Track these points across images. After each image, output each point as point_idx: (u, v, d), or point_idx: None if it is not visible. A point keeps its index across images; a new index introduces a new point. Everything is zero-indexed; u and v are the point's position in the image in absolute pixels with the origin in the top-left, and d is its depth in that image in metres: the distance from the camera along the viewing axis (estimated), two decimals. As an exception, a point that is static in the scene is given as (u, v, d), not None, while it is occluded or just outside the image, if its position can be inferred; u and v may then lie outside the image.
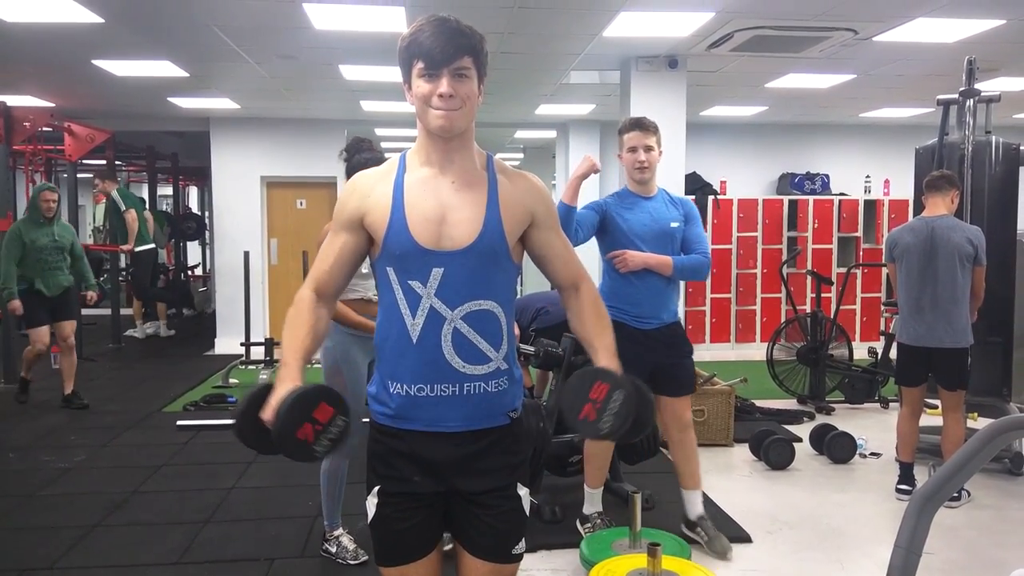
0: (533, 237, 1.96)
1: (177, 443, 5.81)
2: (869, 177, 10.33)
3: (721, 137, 10.39)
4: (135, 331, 10.77)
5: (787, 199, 10.00)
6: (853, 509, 4.58)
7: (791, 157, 10.59)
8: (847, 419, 6.39)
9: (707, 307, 9.62)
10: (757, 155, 10.53)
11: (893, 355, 6.27)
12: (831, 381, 7.02)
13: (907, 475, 4.69)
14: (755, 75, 7.38)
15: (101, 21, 5.37)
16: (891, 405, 6.72)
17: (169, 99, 8.57)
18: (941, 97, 5.29)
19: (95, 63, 6.72)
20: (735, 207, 9.65)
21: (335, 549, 3.79)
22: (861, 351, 7.76)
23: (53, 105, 8.89)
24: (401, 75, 1.88)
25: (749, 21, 5.51)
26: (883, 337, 7.16)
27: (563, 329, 5.87)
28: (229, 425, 1.87)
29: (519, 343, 4.26)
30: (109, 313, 10.21)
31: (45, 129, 9.22)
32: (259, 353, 8.04)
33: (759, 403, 6.67)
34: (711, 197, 9.60)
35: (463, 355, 1.85)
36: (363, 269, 2.09)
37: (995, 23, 5.48)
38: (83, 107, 9.09)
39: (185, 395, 7.38)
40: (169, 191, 14.22)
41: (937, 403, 4.89)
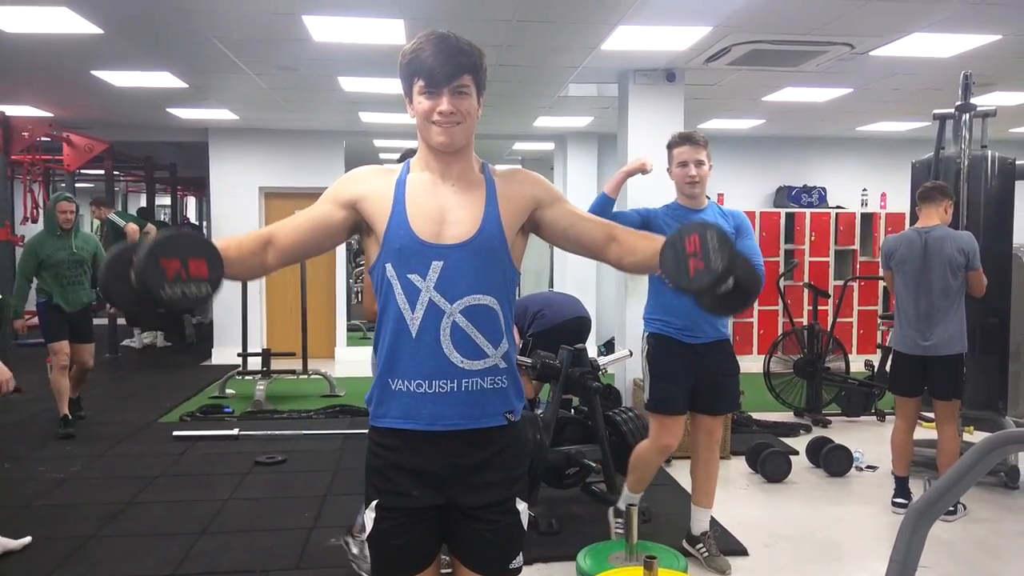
0: (547, 218, 1.99)
1: (173, 454, 5.80)
2: (866, 190, 10.37)
3: (719, 150, 10.33)
4: (132, 341, 10.76)
5: (784, 212, 10.03)
6: (849, 522, 4.59)
7: (788, 170, 10.63)
8: (844, 432, 6.40)
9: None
10: (754, 168, 10.57)
11: (890, 367, 6.30)
12: (828, 394, 7.03)
13: (902, 488, 4.70)
14: (752, 89, 7.41)
15: (101, 32, 5.38)
16: (887, 418, 6.72)
17: (168, 110, 8.58)
18: (937, 111, 5.32)
19: (94, 74, 6.74)
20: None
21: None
22: (858, 364, 7.77)
23: (52, 115, 8.90)
24: (402, 89, 1.92)
25: (746, 36, 5.54)
26: (880, 350, 7.17)
27: (560, 333, 5.91)
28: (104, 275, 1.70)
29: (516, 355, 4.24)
30: (106, 323, 10.21)
31: (44, 139, 9.26)
32: (256, 364, 8.04)
33: (756, 416, 6.68)
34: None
35: (461, 350, 1.86)
36: None
37: (991, 38, 5.51)
38: (82, 117, 9.10)
39: (181, 406, 7.37)
40: (167, 201, 14.24)
41: (932, 416, 4.90)
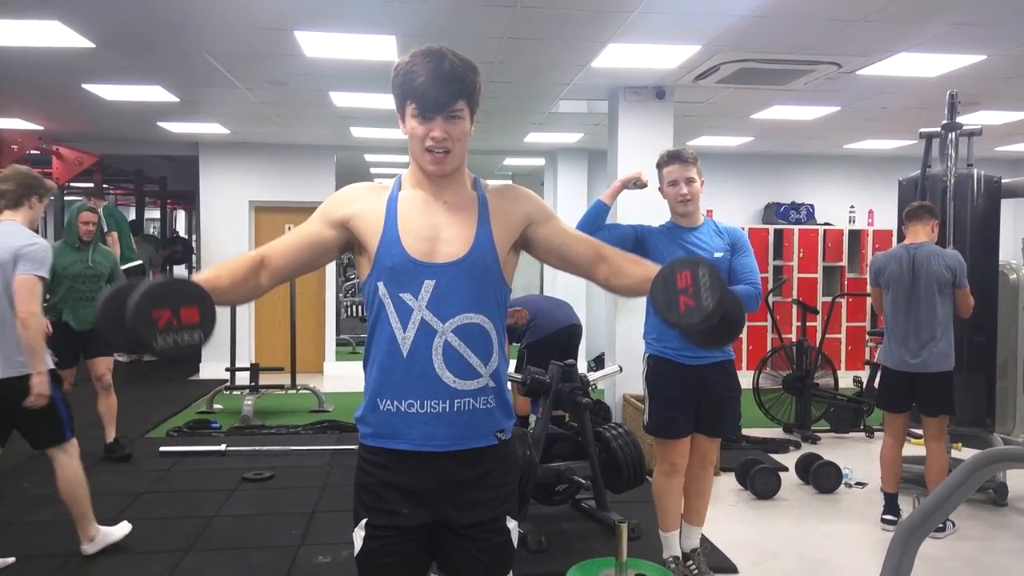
0: (539, 235, 2.00)
1: (160, 470, 5.76)
2: (853, 207, 10.44)
3: (707, 167, 10.34)
4: (119, 355, 10.68)
5: (772, 228, 10.08)
6: (839, 539, 4.59)
7: (776, 187, 10.69)
8: (833, 448, 6.41)
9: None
10: (743, 185, 10.62)
11: (878, 383, 6.32)
12: (817, 410, 7.04)
13: (892, 505, 4.70)
14: (741, 106, 7.46)
15: (92, 46, 5.38)
16: (876, 434, 6.74)
17: (159, 123, 8.57)
18: (924, 130, 5.37)
19: (85, 87, 6.73)
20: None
21: None
22: (847, 380, 7.79)
23: (42, 128, 8.87)
24: (394, 104, 1.91)
25: (735, 54, 5.58)
26: (868, 366, 7.20)
27: (553, 343, 5.91)
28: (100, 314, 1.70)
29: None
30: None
31: (33, 152, 9.22)
32: (244, 379, 8.00)
33: (745, 432, 6.68)
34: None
35: (453, 369, 1.86)
36: None
37: (976, 58, 5.57)
38: (72, 130, 9.08)
39: (168, 421, 7.33)
40: (157, 214, 14.20)
41: (921, 432, 4.91)
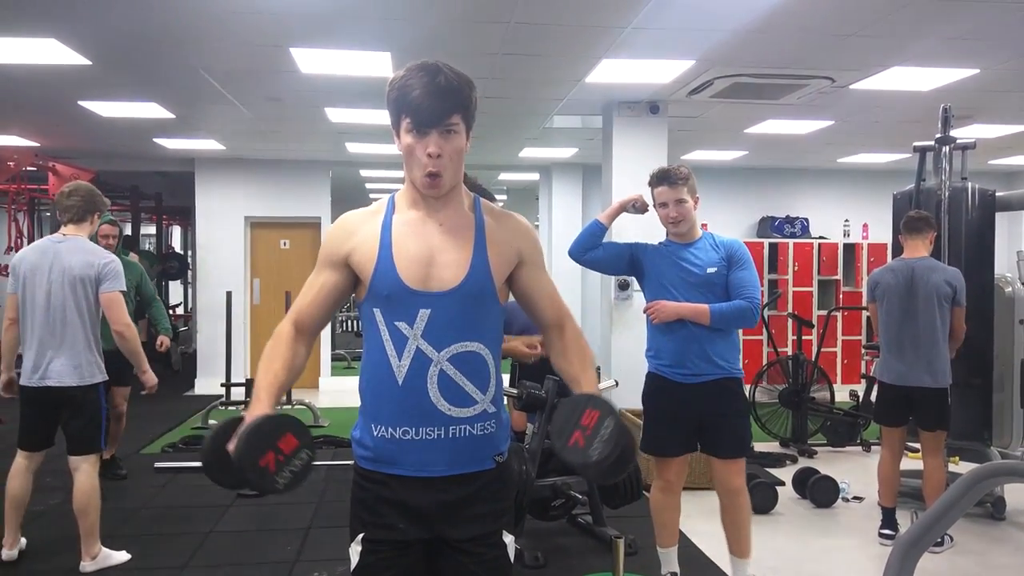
0: (520, 276, 1.98)
1: (155, 486, 5.73)
2: (848, 221, 10.47)
3: (702, 181, 10.34)
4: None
5: (767, 242, 10.10)
6: (836, 554, 4.57)
7: (771, 201, 10.72)
8: (829, 462, 6.39)
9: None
10: (737, 199, 10.65)
11: (874, 398, 6.31)
12: (813, 424, 7.03)
13: (889, 520, 4.68)
14: (735, 121, 7.50)
15: (88, 63, 5.39)
16: (873, 448, 6.73)
17: (154, 139, 8.58)
18: (917, 144, 5.38)
19: (81, 104, 6.74)
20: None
21: None
22: (843, 394, 7.79)
23: (38, 144, 8.88)
24: (389, 120, 1.89)
25: (728, 69, 5.61)
26: (864, 380, 7.20)
27: (547, 358, 5.90)
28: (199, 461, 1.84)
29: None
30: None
31: (29, 168, 9.23)
32: (240, 394, 7.98)
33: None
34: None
35: (449, 397, 1.85)
36: None
37: (969, 72, 5.61)
38: (68, 147, 9.09)
39: (164, 436, 7.29)
40: (152, 230, 14.19)
41: (918, 446, 4.90)
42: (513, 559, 1.97)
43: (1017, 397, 5.31)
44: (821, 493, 5.38)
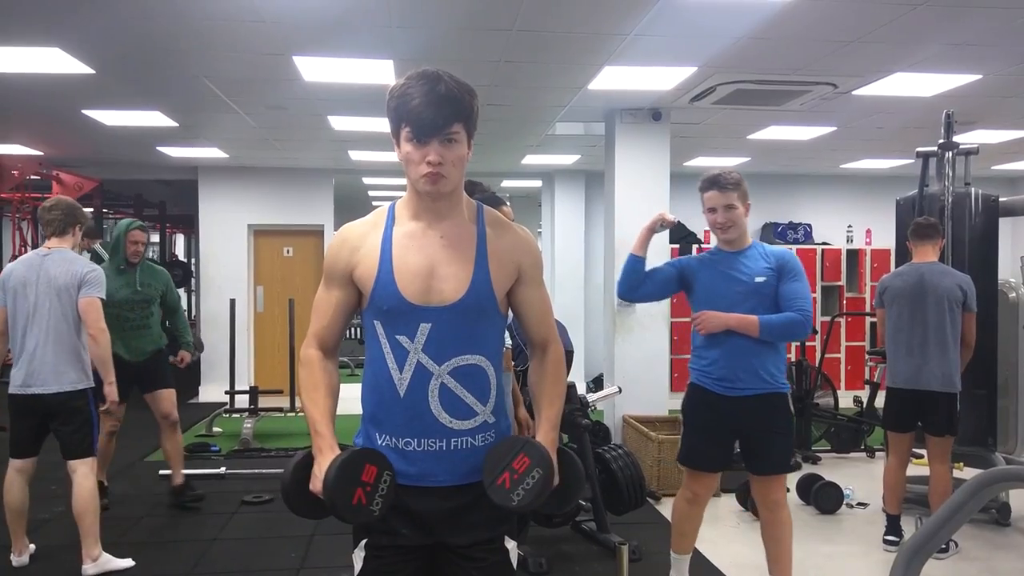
0: (516, 291, 1.97)
1: (159, 493, 5.73)
2: (851, 227, 10.46)
3: (705, 187, 10.52)
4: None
5: (771, 248, 10.07)
6: (841, 561, 4.56)
7: (774, 207, 10.71)
8: (833, 469, 6.37)
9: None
10: (741, 205, 10.61)
11: (878, 404, 6.29)
12: (817, 430, 7.02)
13: (894, 526, 4.67)
14: (737, 127, 7.50)
15: (92, 72, 5.41)
16: (877, 454, 6.71)
17: (158, 148, 8.60)
18: (920, 149, 5.38)
19: (85, 113, 6.76)
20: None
21: None
22: (847, 400, 7.77)
23: (42, 153, 8.91)
24: (390, 128, 1.88)
25: (730, 75, 5.62)
26: (868, 386, 7.18)
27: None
28: (279, 498, 1.98)
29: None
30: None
31: (34, 177, 9.26)
32: (244, 401, 7.98)
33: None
34: (695, 246, 9.68)
35: (450, 410, 1.85)
36: None
37: (972, 78, 5.60)
38: (72, 156, 9.12)
39: (168, 445, 7.28)
40: (156, 238, 14.24)
41: (923, 452, 4.89)
42: (516, 565, 1.97)
43: (1022, 402, 5.30)
44: (825, 499, 5.36)
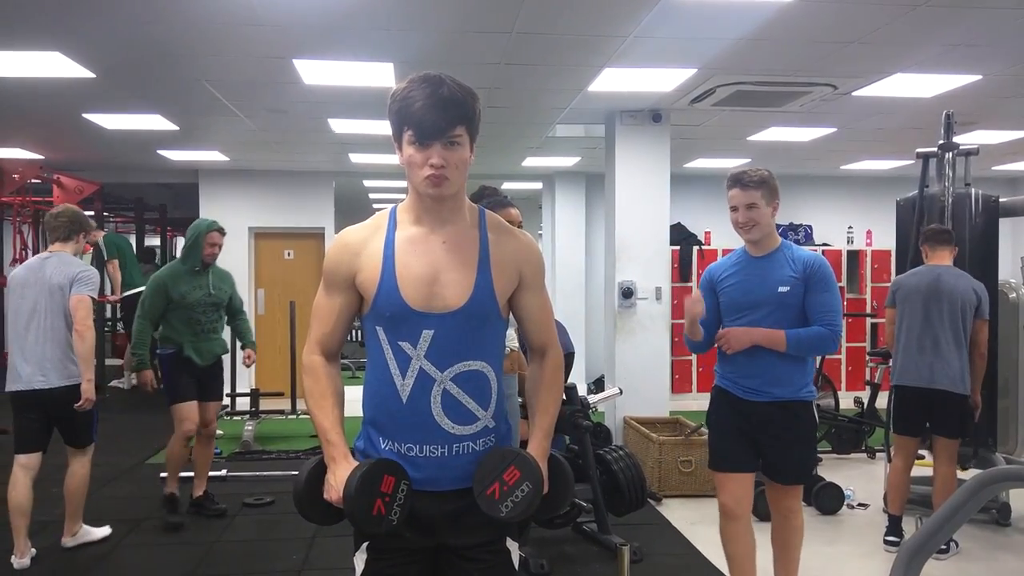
0: (517, 296, 1.97)
1: (160, 496, 5.72)
2: (851, 228, 10.46)
3: (705, 189, 10.50)
4: (121, 382, 10.67)
5: (771, 249, 10.07)
6: (841, 561, 4.56)
7: (775, 208, 10.70)
8: (834, 469, 6.37)
9: (693, 356, 9.62)
10: (741, 206, 10.61)
11: (879, 405, 6.29)
12: (818, 431, 7.00)
13: (896, 527, 4.66)
14: (737, 128, 7.51)
15: (93, 76, 5.42)
16: (878, 455, 6.71)
17: (159, 151, 8.61)
18: (921, 150, 5.38)
19: (86, 117, 6.77)
20: (720, 257, 9.70)
21: None
22: (847, 400, 7.77)
23: (43, 157, 8.93)
24: (391, 132, 1.88)
25: (730, 77, 5.62)
26: (869, 387, 7.18)
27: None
28: (293, 506, 1.97)
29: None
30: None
31: (34, 181, 9.26)
32: (245, 404, 7.98)
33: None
34: (696, 248, 9.69)
35: (452, 416, 1.85)
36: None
37: (972, 78, 5.60)
38: (72, 159, 9.13)
39: (169, 447, 7.29)
40: (157, 241, 14.25)
41: (923, 453, 4.89)
42: (518, 566, 1.98)
43: (1022, 403, 5.30)
44: (826, 500, 5.36)
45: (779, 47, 4.95)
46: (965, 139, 6.31)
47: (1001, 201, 5.25)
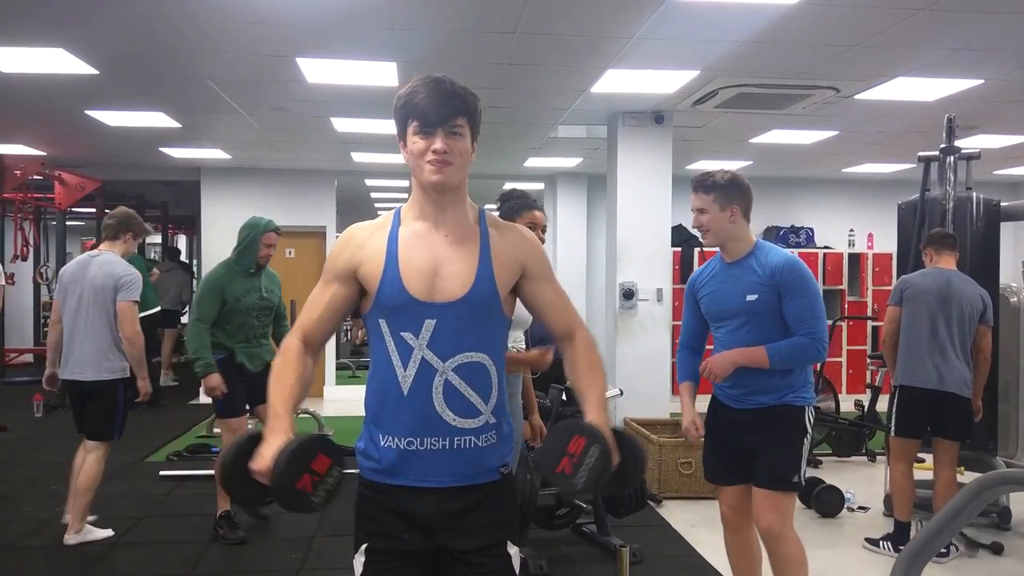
0: (525, 288, 1.99)
1: (159, 494, 5.74)
2: (853, 231, 10.46)
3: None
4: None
5: (773, 252, 10.07)
6: (843, 564, 4.55)
7: (776, 211, 10.71)
8: (835, 472, 6.37)
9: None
10: (743, 208, 10.61)
11: (879, 408, 6.29)
12: (818, 434, 7.00)
13: (903, 534, 4.53)
14: (740, 131, 7.51)
15: (96, 73, 5.43)
16: (879, 458, 6.71)
17: (161, 149, 8.62)
18: (922, 154, 5.37)
19: (88, 113, 6.78)
20: (721, 259, 9.71)
21: None
22: (848, 403, 7.77)
23: (44, 154, 8.93)
24: (396, 131, 1.92)
25: (733, 79, 5.63)
26: (869, 389, 7.18)
27: (552, 367, 5.88)
28: (213, 475, 1.89)
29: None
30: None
31: (36, 177, 9.26)
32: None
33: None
34: (697, 249, 9.68)
35: (454, 407, 1.86)
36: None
37: (974, 82, 5.61)
38: (74, 156, 9.13)
39: (168, 445, 7.29)
40: (159, 239, 14.25)
41: (922, 457, 4.88)
42: (518, 569, 1.97)
43: (1022, 407, 5.30)
44: (826, 503, 5.36)
45: (782, 50, 4.96)
46: (967, 143, 6.30)
47: (1002, 205, 5.24)
